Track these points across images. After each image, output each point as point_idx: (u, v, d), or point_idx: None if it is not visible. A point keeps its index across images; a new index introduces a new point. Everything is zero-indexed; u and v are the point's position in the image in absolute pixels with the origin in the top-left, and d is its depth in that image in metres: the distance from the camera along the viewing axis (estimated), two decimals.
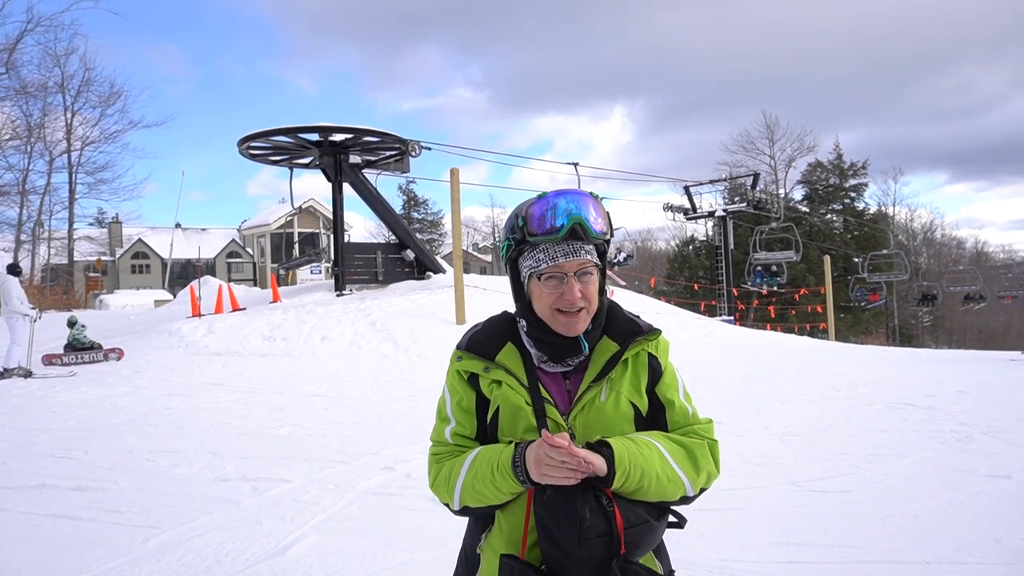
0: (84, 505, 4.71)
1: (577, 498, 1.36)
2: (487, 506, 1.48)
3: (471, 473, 1.47)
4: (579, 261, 1.47)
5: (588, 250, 1.49)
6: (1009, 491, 4.72)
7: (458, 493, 1.50)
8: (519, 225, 1.50)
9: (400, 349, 12.19)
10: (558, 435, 1.35)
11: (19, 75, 32.63)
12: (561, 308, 1.47)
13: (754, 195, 31.47)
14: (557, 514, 1.36)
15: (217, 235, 52.81)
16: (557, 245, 1.47)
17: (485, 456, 1.47)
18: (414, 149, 17.56)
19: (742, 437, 6.47)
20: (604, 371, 1.51)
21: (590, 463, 1.34)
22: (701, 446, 1.50)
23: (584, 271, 1.48)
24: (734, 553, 3.72)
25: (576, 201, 1.48)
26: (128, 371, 10.69)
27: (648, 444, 1.44)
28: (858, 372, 11.04)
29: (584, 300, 1.48)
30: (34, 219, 35.27)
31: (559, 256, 1.47)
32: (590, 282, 1.49)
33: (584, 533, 1.34)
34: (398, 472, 5.40)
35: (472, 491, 1.47)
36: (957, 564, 3.56)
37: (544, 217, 1.47)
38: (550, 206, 1.47)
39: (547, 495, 1.37)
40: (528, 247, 1.51)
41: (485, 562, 1.51)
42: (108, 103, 37.56)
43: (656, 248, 58.50)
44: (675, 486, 1.45)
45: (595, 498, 1.37)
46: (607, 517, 1.36)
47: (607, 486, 1.38)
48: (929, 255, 57.83)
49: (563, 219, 1.45)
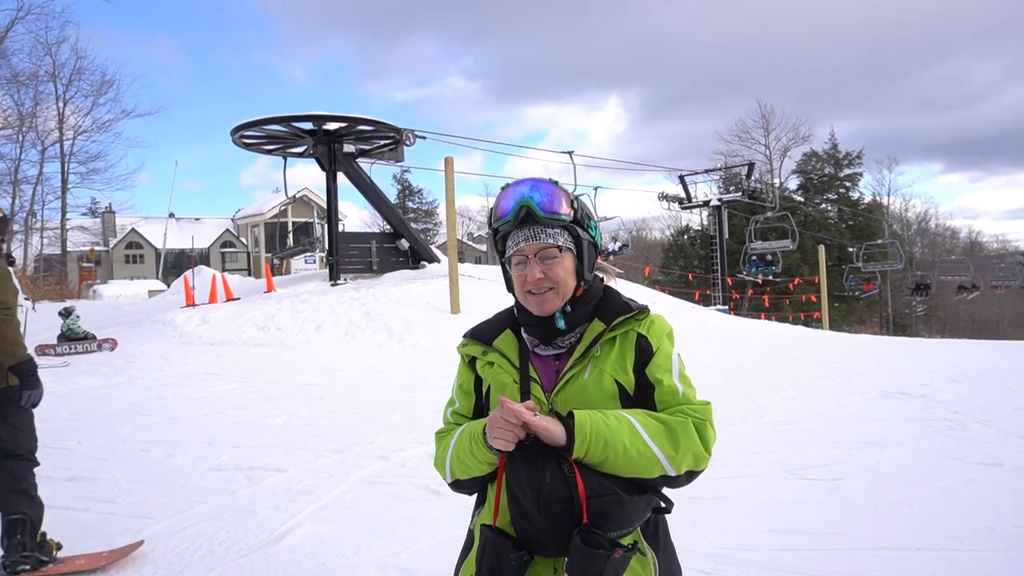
0: (78, 495, 4.70)
1: (540, 463, 1.41)
2: (473, 478, 1.55)
3: (457, 445, 1.57)
4: (539, 244, 1.55)
5: (551, 233, 1.56)
6: (1002, 479, 4.74)
7: (448, 466, 1.59)
8: (489, 216, 1.64)
9: (395, 338, 12.18)
10: (525, 403, 1.42)
11: (10, 64, 32.32)
12: (530, 289, 1.56)
13: (749, 184, 31.45)
14: (521, 479, 1.41)
15: (211, 225, 52.61)
16: (520, 231, 1.57)
17: (468, 428, 1.56)
18: (408, 138, 17.48)
19: (736, 426, 6.48)
20: (589, 349, 1.55)
21: (546, 429, 1.40)
22: (684, 424, 1.47)
23: (545, 254, 1.55)
24: (728, 541, 3.73)
25: (529, 186, 1.57)
26: (122, 361, 10.66)
27: (619, 417, 1.45)
28: (852, 361, 11.07)
29: (549, 280, 1.54)
30: (26, 209, 35.08)
31: (521, 240, 1.56)
32: (555, 264, 1.55)
33: (543, 497, 1.38)
34: (392, 461, 5.40)
35: (458, 462, 1.56)
36: (950, 551, 3.58)
37: (503, 206, 1.58)
38: (508, 195, 1.58)
39: (515, 462, 1.42)
40: (504, 236, 1.61)
41: (478, 538, 1.53)
42: (100, 92, 37.17)
43: (651, 237, 58.40)
44: (648, 461, 1.43)
45: (557, 464, 1.41)
46: (567, 483, 1.39)
47: (568, 454, 1.41)
48: (923, 245, 57.92)
49: (512, 204, 1.56)
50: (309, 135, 16.92)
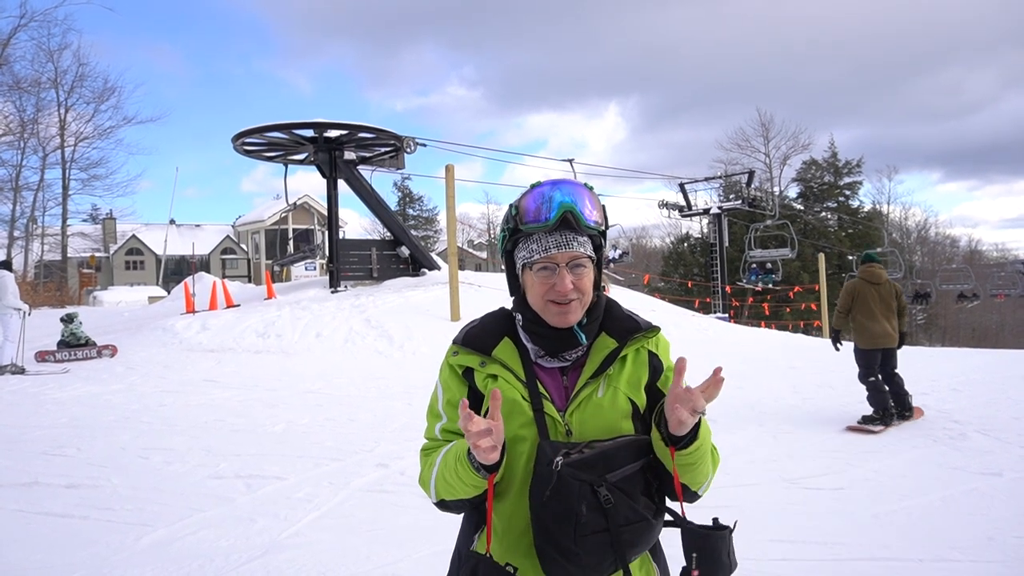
0: (77, 503, 4.69)
1: (574, 495, 1.33)
2: (459, 500, 1.45)
3: (442, 464, 1.47)
4: (571, 253, 1.46)
5: (581, 242, 1.48)
6: (1002, 489, 4.73)
7: (433, 485, 1.50)
8: (512, 215, 1.50)
9: (395, 346, 12.17)
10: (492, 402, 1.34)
11: (12, 71, 32.41)
12: (553, 299, 1.46)
13: (749, 192, 31.50)
14: (554, 514, 1.34)
15: (211, 231, 52.62)
16: (550, 236, 1.46)
17: (454, 447, 1.45)
18: (409, 145, 17.51)
19: (736, 434, 6.48)
20: (602, 368, 1.49)
21: (694, 408, 1.35)
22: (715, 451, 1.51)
23: (577, 263, 1.46)
24: None
25: (569, 191, 1.47)
26: (121, 368, 10.65)
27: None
28: (852, 370, 11.04)
29: (577, 292, 1.46)
30: (27, 215, 35.08)
31: (551, 247, 1.46)
32: (583, 274, 1.47)
33: (580, 530, 1.33)
34: (392, 469, 5.39)
35: (443, 482, 1.46)
36: (950, 562, 3.57)
37: (537, 207, 1.46)
38: (543, 196, 1.47)
39: (547, 494, 1.35)
40: (523, 238, 1.50)
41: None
42: (102, 99, 37.23)
43: (651, 245, 58.44)
44: (704, 477, 1.47)
45: (592, 494, 1.35)
46: (604, 514, 1.34)
47: (685, 443, 1.38)
48: (923, 253, 57.90)
49: (555, 208, 1.44)
50: (310, 142, 16.96)
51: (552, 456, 1.37)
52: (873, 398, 6.89)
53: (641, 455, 1.42)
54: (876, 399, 6.87)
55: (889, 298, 7.14)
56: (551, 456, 1.37)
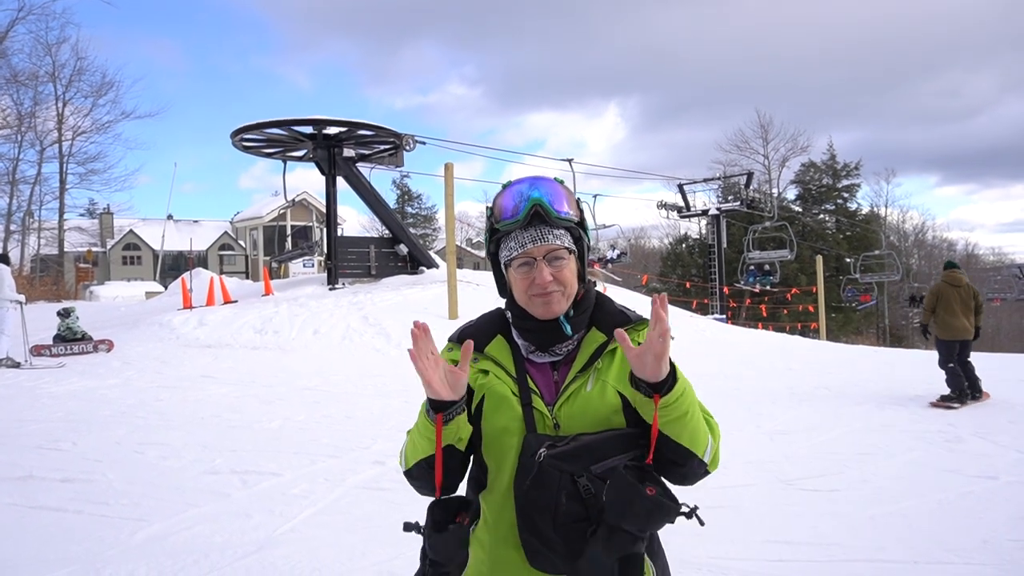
0: (71, 497, 4.68)
1: (554, 485, 1.36)
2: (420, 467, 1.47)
3: (413, 428, 1.53)
4: (548, 246, 1.49)
5: (557, 234, 1.50)
6: (997, 492, 4.74)
7: (403, 450, 1.55)
8: (488, 215, 1.56)
9: (392, 343, 12.16)
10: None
11: (10, 64, 32.28)
12: (535, 293, 1.49)
13: (748, 194, 31.53)
14: (535, 501, 1.37)
15: (209, 227, 52.53)
16: (525, 232, 1.50)
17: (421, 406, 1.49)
18: (408, 143, 17.49)
19: (732, 436, 6.48)
20: (591, 361, 1.51)
21: (662, 352, 1.30)
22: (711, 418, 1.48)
23: (554, 255, 1.49)
24: (724, 551, 3.73)
25: (537, 185, 1.51)
26: (118, 363, 10.63)
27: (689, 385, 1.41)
28: (848, 372, 11.09)
29: (557, 283, 1.49)
30: (24, 209, 34.99)
31: (527, 242, 1.49)
32: (562, 266, 1.50)
33: (560, 518, 1.35)
34: (388, 466, 5.38)
35: (411, 445, 1.51)
36: (945, 564, 3.58)
37: (510, 205, 1.51)
38: (512, 193, 1.52)
39: (527, 484, 1.38)
40: (503, 238, 1.54)
41: (473, 557, 1.50)
42: (100, 93, 37.07)
43: (649, 246, 58.51)
44: (703, 436, 1.41)
45: (572, 483, 1.37)
46: (583, 502, 1.36)
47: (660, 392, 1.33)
48: (920, 256, 58.05)
49: (524, 204, 1.48)
50: (309, 139, 16.93)
51: (536, 448, 1.40)
52: (951, 381, 8.07)
53: (629, 447, 1.42)
54: (954, 382, 8.05)
55: (968, 298, 8.31)
56: (535, 448, 1.40)
